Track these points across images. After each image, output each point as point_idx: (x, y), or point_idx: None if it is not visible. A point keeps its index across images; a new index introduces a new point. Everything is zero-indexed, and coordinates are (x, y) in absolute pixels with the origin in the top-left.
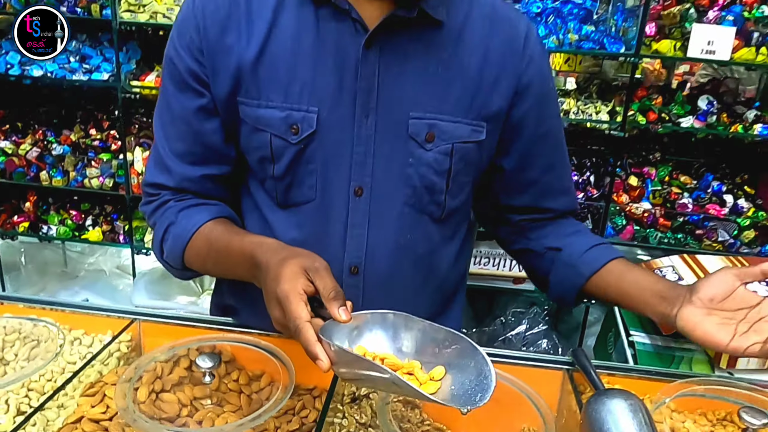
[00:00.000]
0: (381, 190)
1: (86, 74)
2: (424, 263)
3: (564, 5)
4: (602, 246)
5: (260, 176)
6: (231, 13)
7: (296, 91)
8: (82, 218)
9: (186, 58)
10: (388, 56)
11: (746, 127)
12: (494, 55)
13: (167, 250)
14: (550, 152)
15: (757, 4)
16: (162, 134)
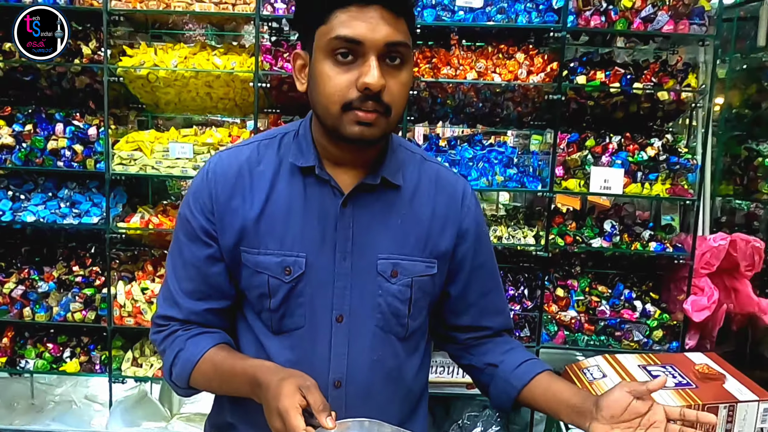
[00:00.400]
0: (357, 316)
1: (76, 218)
2: (393, 376)
3: (490, 153)
4: (531, 361)
5: (257, 308)
6: (237, 183)
7: (289, 241)
8: (60, 350)
9: (199, 218)
10: (360, 212)
11: (644, 244)
12: (440, 209)
13: (176, 373)
14: (485, 280)
15: (637, 150)
16: (174, 275)
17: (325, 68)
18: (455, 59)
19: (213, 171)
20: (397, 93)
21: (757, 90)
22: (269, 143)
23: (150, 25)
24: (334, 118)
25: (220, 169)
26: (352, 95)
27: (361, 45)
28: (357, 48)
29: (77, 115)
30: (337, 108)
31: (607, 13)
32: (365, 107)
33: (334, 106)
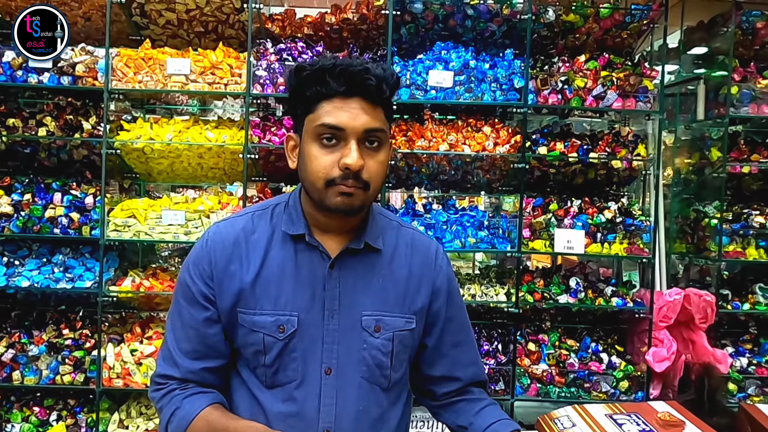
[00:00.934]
0: (344, 369)
1: (69, 283)
2: (377, 425)
3: (463, 217)
4: (499, 423)
5: (253, 365)
6: (234, 251)
7: (282, 301)
8: (46, 414)
9: (199, 283)
10: (345, 274)
11: (606, 300)
12: (416, 270)
13: (171, 430)
14: (456, 332)
15: (595, 213)
16: (173, 336)
17: (312, 150)
18: (428, 132)
19: (212, 240)
20: (374, 171)
21: (700, 157)
22: (262, 214)
23: (145, 101)
24: (319, 192)
25: (219, 237)
26: (334, 173)
27: (343, 131)
28: (339, 133)
29: (74, 184)
30: (322, 183)
31: (563, 91)
32: (346, 184)
33: (320, 182)
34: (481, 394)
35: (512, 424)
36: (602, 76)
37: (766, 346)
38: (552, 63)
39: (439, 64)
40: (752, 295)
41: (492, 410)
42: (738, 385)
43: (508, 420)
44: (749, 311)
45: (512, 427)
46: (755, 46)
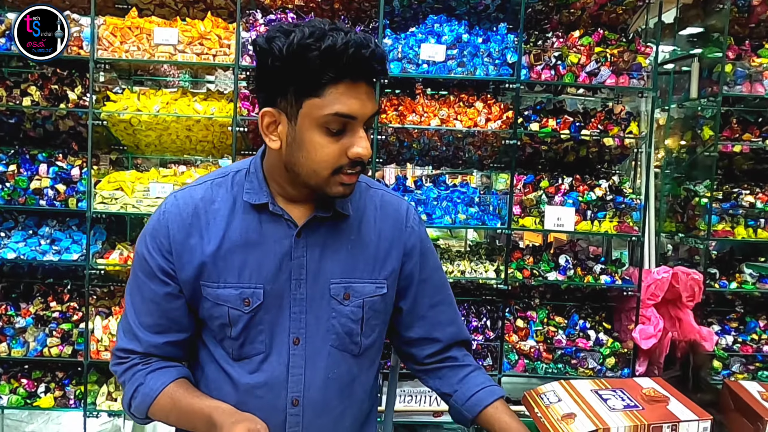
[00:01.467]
0: (313, 338)
1: (56, 255)
2: (348, 391)
3: (453, 193)
4: (483, 391)
5: (219, 337)
6: (193, 222)
7: (247, 274)
8: (34, 386)
9: (157, 257)
10: (312, 242)
11: (595, 278)
12: (386, 233)
13: (135, 406)
14: (432, 293)
15: (586, 191)
16: (133, 310)
17: (315, 137)
18: (420, 107)
19: (169, 211)
20: (369, 151)
21: (692, 136)
22: (222, 182)
23: (132, 72)
24: (321, 180)
25: (176, 209)
26: (342, 161)
27: (354, 119)
28: (349, 122)
29: (60, 156)
30: (328, 173)
31: (556, 67)
32: (352, 171)
33: (325, 171)
34: (465, 358)
35: (496, 392)
36: (596, 53)
37: (751, 325)
38: (546, 38)
39: (431, 38)
40: (740, 274)
41: (476, 377)
42: (723, 362)
43: (492, 386)
44: (736, 290)
45: (496, 396)
46: (750, 24)
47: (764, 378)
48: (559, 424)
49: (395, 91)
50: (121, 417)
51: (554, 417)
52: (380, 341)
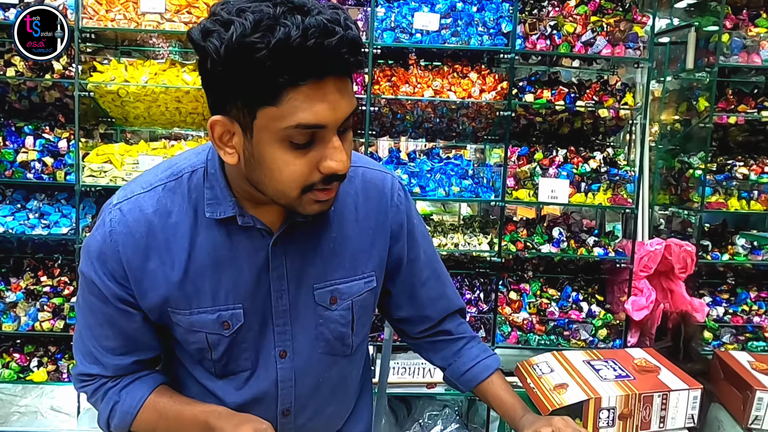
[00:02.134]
0: (301, 349)
1: (45, 229)
2: (340, 388)
3: (447, 165)
4: (478, 366)
5: (197, 358)
6: (149, 244)
7: (222, 295)
8: (27, 360)
9: (110, 284)
10: (291, 248)
11: (588, 250)
12: (369, 221)
13: (114, 425)
14: (420, 272)
15: (581, 163)
16: (89, 333)
17: (278, 153)
18: (413, 78)
19: (117, 232)
20: (349, 158)
21: (687, 108)
22: (175, 186)
23: (119, 42)
24: (291, 200)
25: (125, 228)
26: (313, 178)
27: (324, 128)
28: (318, 132)
29: (46, 128)
30: (297, 193)
31: (552, 37)
32: (329, 187)
33: (294, 191)
34: (459, 329)
35: (491, 366)
36: (592, 22)
37: (742, 296)
38: (541, 7)
39: (425, 6)
40: (732, 246)
41: (470, 350)
42: (713, 333)
43: (487, 359)
44: (728, 262)
45: (491, 370)
46: None
47: (754, 348)
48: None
49: (388, 61)
50: None
51: (547, 387)
52: (367, 332)
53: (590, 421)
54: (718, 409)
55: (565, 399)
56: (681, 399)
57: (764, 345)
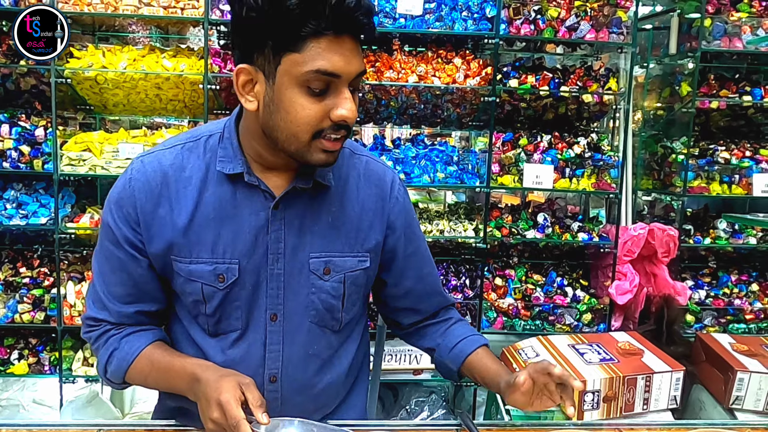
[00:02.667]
0: (291, 314)
1: (23, 219)
2: (328, 365)
3: (432, 151)
4: (464, 341)
5: (193, 313)
6: (162, 193)
7: (221, 249)
8: (7, 353)
9: (123, 228)
10: (291, 214)
11: (573, 235)
12: (369, 203)
13: (111, 371)
14: (418, 266)
15: (565, 149)
16: (101, 280)
17: (296, 97)
18: (397, 63)
19: (136, 179)
20: (355, 115)
21: (670, 93)
22: (193, 146)
23: (96, 27)
24: (301, 145)
25: (143, 176)
26: (324, 125)
27: (339, 78)
28: (333, 80)
29: (22, 116)
30: (308, 137)
31: (536, 22)
32: (336, 135)
33: (305, 135)
34: (446, 313)
35: (478, 340)
36: (576, 6)
37: (724, 279)
38: None
39: None
40: (713, 230)
41: (457, 328)
42: (695, 316)
43: (474, 336)
44: (710, 245)
45: (478, 344)
46: None
47: (735, 330)
48: None
49: (372, 47)
50: (98, 382)
51: None
52: (360, 312)
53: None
54: (700, 391)
55: None
56: (664, 381)
57: (745, 327)
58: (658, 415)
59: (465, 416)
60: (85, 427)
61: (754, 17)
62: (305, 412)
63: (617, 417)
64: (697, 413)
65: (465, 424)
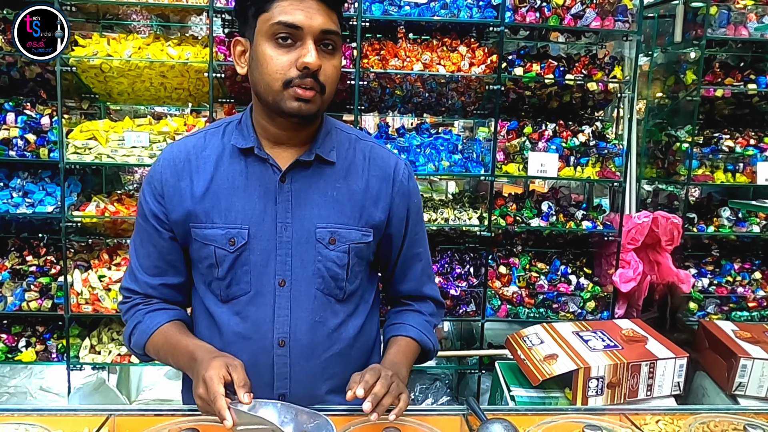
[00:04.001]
0: (299, 281)
1: (29, 208)
2: (335, 335)
3: (437, 140)
4: (396, 327)
5: (208, 279)
6: (184, 167)
7: (233, 215)
8: (15, 341)
9: (150, 201)
10: (298, 187)
11: (577, 223)
12: (373, 183)
13: (133, 341)
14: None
15: (570, 137)
16: (134, 252)
17: (267, 50)
18: (402, 51)
19: (164, 158)
20: (330, 74)
21: (674, 81)
22: (215, 131)
23: (100, 15)
24: (275, 94)
25: (170, 155)
26: (292, 74)
27: (300, 30)
28: (296, 33)
29: (28, 104)
30: (279, 85)
31: (541, 9)
32: (304, 84)
33: (276, 83)
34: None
35: (408, 332)
36: None
37: (727, 267)
38: None
39: None
40: (717, 218)
41: (405, 315)
42: (698, 304)
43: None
44: (714, 234)
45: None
46: None
47: (738, 318)
48: (542, 364)
49: (377, 35)
50: (105, 370)
51: (537, 358)
52: (365, 288)
53: (579, 390)
54: (702, 377)
55: (555, 369)
56: (668, 367)
57: (747, 315)
58: (662, 401)
59: (471, 401)
60: (96, 413)
61: (759, 4)
62: (314, 379)
63: (621, 403)
64: (700, 399)
65: (471, 409)
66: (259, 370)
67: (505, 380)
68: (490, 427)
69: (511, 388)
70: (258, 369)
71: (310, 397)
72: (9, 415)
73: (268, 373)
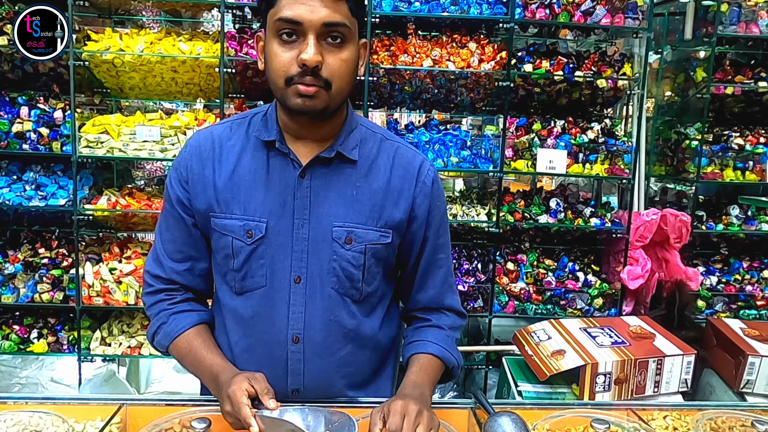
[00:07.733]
0: (314, 278)
1: (42, 201)
2: (352, 335)
3: (446, 136)
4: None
5: (223, 270)
6: (209, 156)
7: (252, 207)
8: (27, 332)
9: (176, 187)
10: (317, 183)
11: (585, 220)
12: (395, 182)
13: (157, 341)
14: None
15: (578, 134)
16: (160, 236)
17: (272, 47)
18: (412, 47)
19: (190, 145)
20: (336, 69)
21: (684, 79)
22: (241, 122)
23: (112, 10)
24: (280, 91)
25: (196, 143)
26: (293, 71)
27: (301, 25)
28: (298, 28)
29: (41, 98)
30: (282, 82)
31: (551, 6)
32: (304, 81)
33: (279, 80)
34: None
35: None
36: None
37: (735, 265)
38: None
39: None
40: (726, 216)
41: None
42: (707, 302)
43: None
44: (723, 232)
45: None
46: None
47: (746, 316)
48: (549, 360)
49: (387, 31)
50: (115, 362)
51: (544, 354)
52: (383, 291)
53: (587, 386)
54: (710, 375)
55: (562, 365)
56: (675, 364)
57: (756, 313)
58: (669, 398)
59: (479, 394)
60: (108, 402)
61: None
62: (329, 378)
63: (628, 399)
64: (708, 397)
65: (479, 402)
66: (273, 364)
67: (513, 375)
68: (498, 419)
69: (518, 384)
70: (272, 362)
71: (325, 392)
72: (23, 403)
73: (282, 368)
